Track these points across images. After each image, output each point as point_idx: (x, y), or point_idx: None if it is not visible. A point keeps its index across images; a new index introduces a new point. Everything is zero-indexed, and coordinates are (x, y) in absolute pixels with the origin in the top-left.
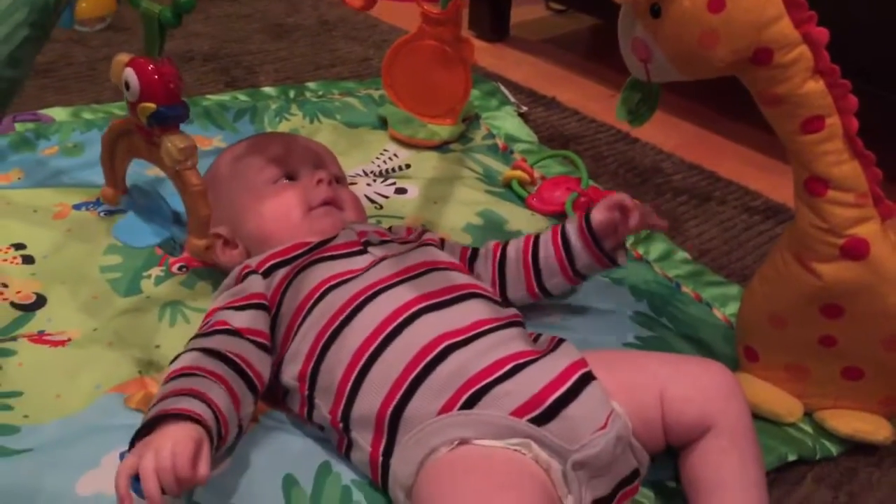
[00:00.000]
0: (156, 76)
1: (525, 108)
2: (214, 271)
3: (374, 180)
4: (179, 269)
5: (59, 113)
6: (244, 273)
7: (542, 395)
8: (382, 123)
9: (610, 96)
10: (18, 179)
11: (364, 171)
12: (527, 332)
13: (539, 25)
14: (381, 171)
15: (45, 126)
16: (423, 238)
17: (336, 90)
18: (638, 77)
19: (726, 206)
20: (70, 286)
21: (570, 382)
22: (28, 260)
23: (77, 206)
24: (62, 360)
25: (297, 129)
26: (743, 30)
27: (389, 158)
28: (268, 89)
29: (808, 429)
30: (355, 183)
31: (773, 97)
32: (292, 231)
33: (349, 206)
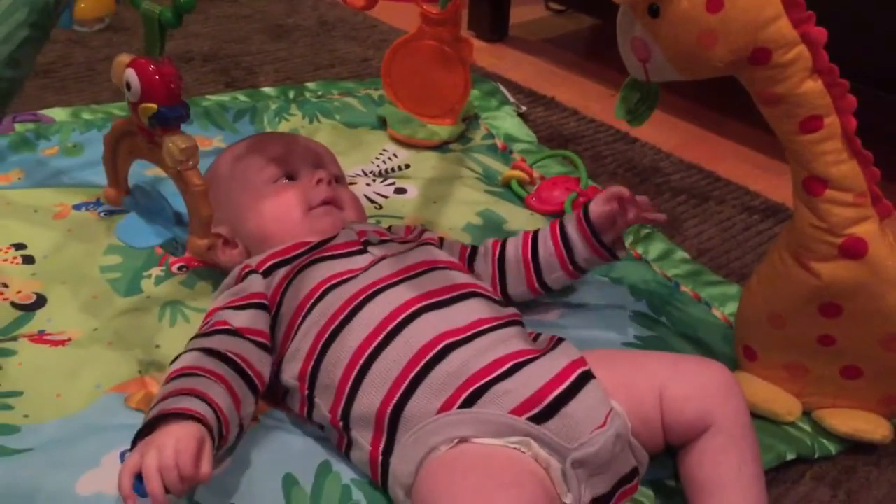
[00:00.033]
0: (157, 77)
1: (524, 108)
2: (214, 271)
3: (374, 180)
4: (179, 268)
5: (59, 113)
6: (244, 273)
7: (541, 394)
8: (382, 123)
9: (609, 96)
10: (19, 179)
11: (363, 170)
12: (526, 332)
13: (538, 25)
14: (380, 171)
15: (45, 126)
16: (423, 237)
17: (335, 90)
18: (637, 77)
19: (725, 206)
20: (70, 286)
21: (570, 381)
22: (28, 260)
23: (77, 207)
24: (62, 360)
25: (297, 130)
26: (741, 30)
27: (389, 158)
28: (267, 89)
29: (806, 428)
30: (355, 183)
31: (771, 97)
32: (292, 230)
33: (349, 206)
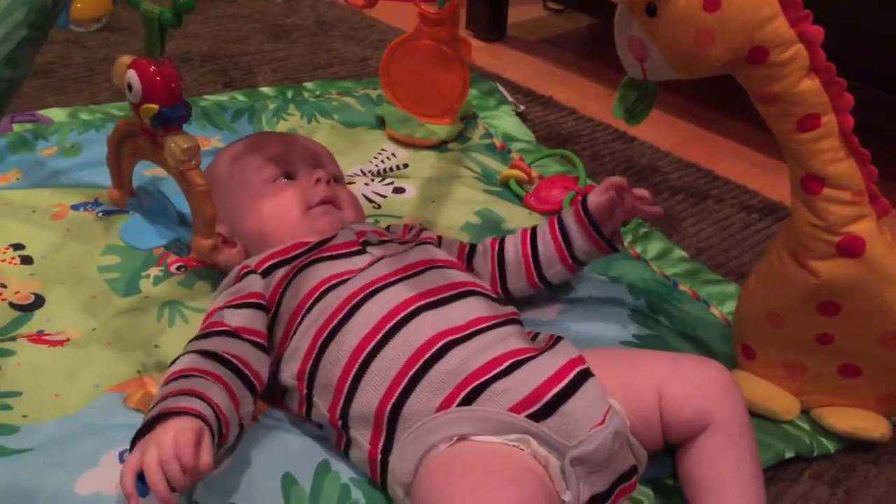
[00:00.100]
0: (158, 77)
1: (523, 108)
2: (213, 271)
3: (372, 180)
4: (178, 268)
5: (57, 114)
6: (243, 273)
7: (540, 392)
8: (380, 123)
9: (607, 95)
10: (17, 180)
11: (362, 170)
12: (525, 330)
13: (536, 25)
14: (378, 171)
15: (43, 126)
16: (421, 236)
17: (334, 90)
18: (634, 76)
19: (723, 205)
20: (69, 286)
21: (568, 379)
22: (27, 260)
23: (75, 207)
24: (61, 360)
25: (295, 129)
26: (738, 28)
27: (387, 158)
28: (266, 89)
29: (805, 426)
30: (353, 182)
31: (768, 96)
32: (291, 230)
33: (347, 206)
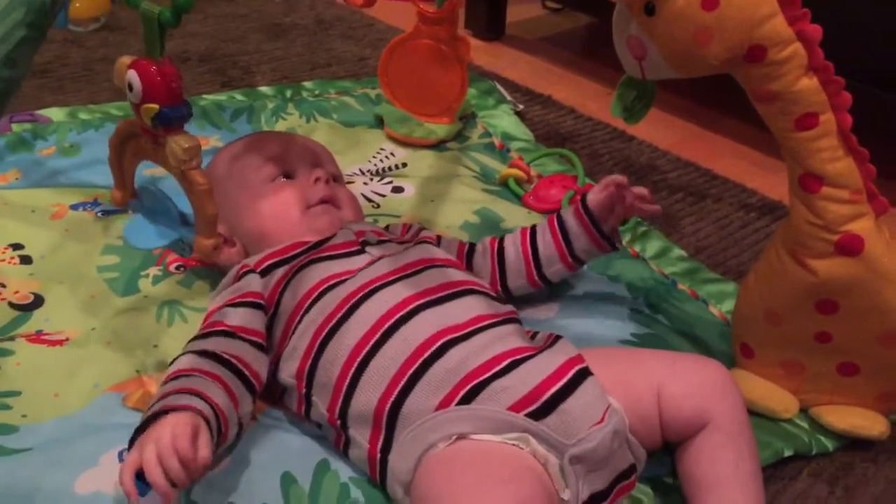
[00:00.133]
0: (158, 77)
1: (521, 107)
2: (212, 271)
3: (371, 179)
4: (177, 268)
5: (56, 113)
6: (242, 272)
7: (539, 390)
8: (379, 122)
9: (606, 94)
10: (16, 180)
11: (361, 169)
12: (523, 329)
13: (535, 24)
14: (377, 170)
15: (42, 126)
16: (420, 236)
17: (332, 89)
18: (633, 75)
19: (722, 204)
20: (68, 286)
21: (567, 378)
22: (26, 260)
23: (74, 207)
24: (60, 360)
25: (294, 129)
26: (736, 27)
27: (386, 157)
28: (264, 89)
29: (804, 424)
30: (352, 182)
31: (767, 94)
32: (290, 229)
33: (346, 205)
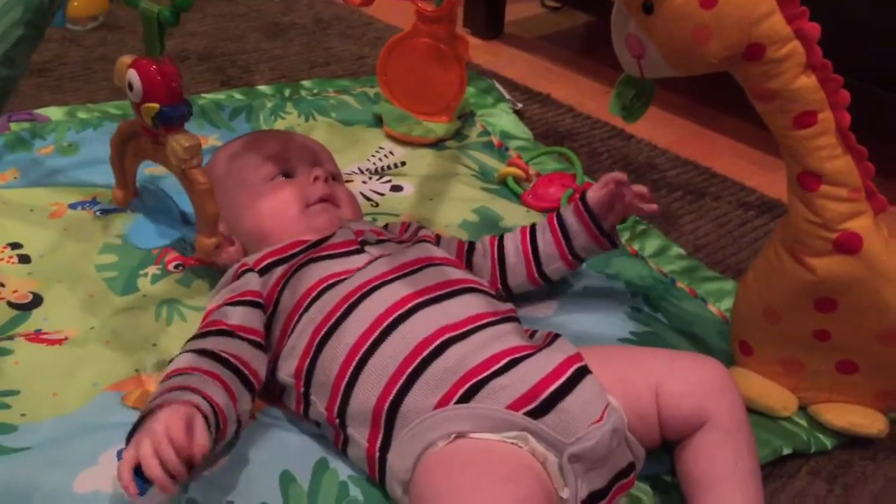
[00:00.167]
0: (158, 77)
1: (520, 105)
2: (211, 270)
3: (370, 178)
4: (176, 267)
5: (55, 112)
6: (241, 271)
7: (538, 389)
8: (378, 121)
9: (604, 93)
10: (14, 179)
11: (360, 168)
12: (522, 328)
13: (533, 22)
14: (376, 169)
15: (40, 125)
16: (419, 234)
17: (331, 88)
18: (631, 73)
19: (721, 202)
20: (66, 285)
21: (566, 376)
22: (24, 259)
23: (73, 206)
24: (59, 359)
25: (293, 128)
26: (735, 25)
27: (385, 156)
28: (263, 88)
29: (802, 422)
30: (351, 181)
31: (765, 92)
32: (289, 228)
33: (345, 204)
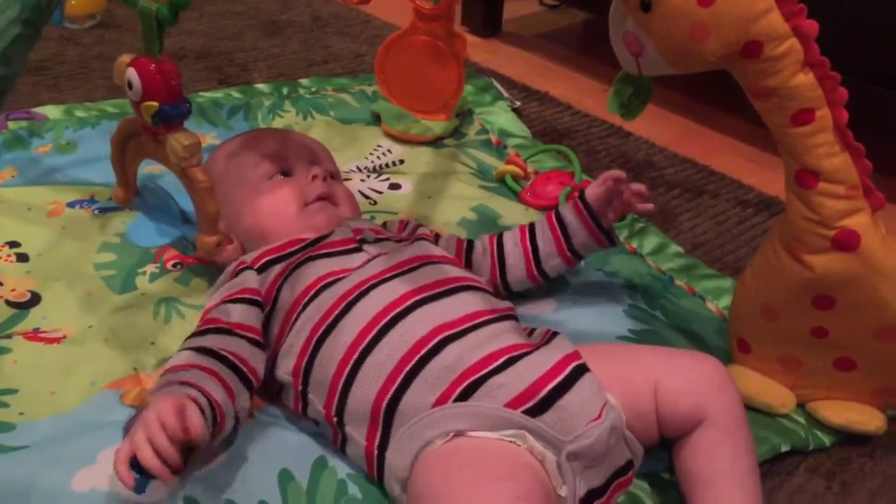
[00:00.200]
0: (157, 75)
1: (518, 103)
2: (209, 268)
3: (368, 176)
4: (174, 265)
5: (52, 111)
6: (239, 269)
7: (536, 387)
8: (376, 119)
9: (603, 91)
10: (12, 177)
11: (358, 166)
12: (520, 326)
13: (532, 20)
14: (374, 167)
15: (38, 124)
16: (417, 233)
17: (329, 86)
18: (629, 71)
19: (719, 200)
20: (65, 284)
21: (564, 374)
22: (22, 258)
23: (71, 204)
24: (57, 358)
25: (291, 126)
26: (733, 23)
27: (383, 154)
28: (261, 86)
29: (800, 420)
30: (349, 179)
31: (763, 90)
32: (288, 226)
33: (344, 202)
